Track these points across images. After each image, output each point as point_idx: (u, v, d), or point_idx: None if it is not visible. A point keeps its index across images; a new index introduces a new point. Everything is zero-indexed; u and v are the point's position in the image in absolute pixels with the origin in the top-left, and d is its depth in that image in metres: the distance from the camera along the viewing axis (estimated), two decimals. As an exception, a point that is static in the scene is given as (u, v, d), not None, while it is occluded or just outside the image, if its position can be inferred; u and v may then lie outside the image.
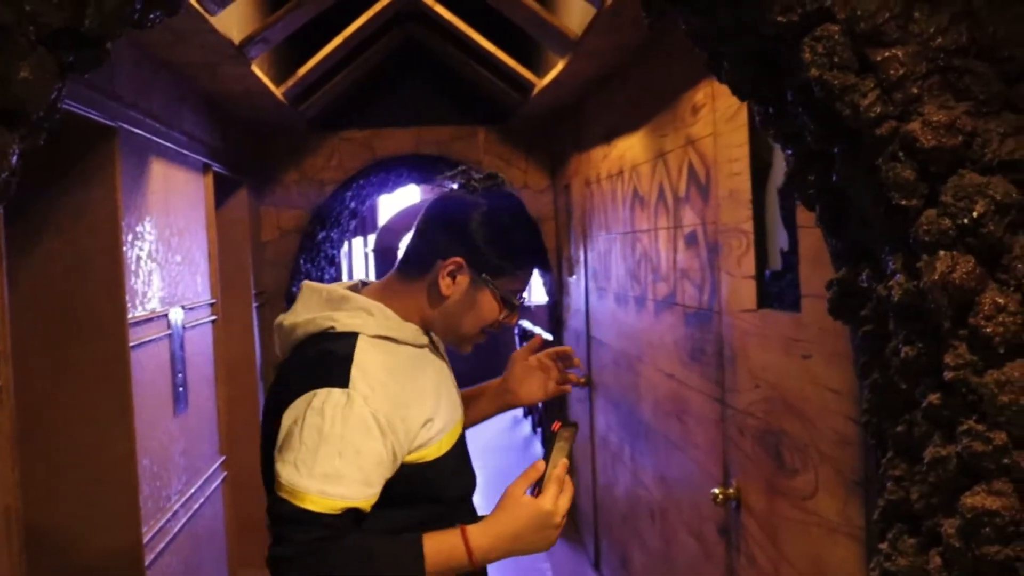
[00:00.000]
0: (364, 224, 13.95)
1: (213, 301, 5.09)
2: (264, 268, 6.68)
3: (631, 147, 4.40)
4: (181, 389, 4.36)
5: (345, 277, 13.71)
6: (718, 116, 3.13)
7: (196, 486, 4.56)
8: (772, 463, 2.73)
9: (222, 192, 5.89)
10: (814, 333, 2.38)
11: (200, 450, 4.68)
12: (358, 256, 14.26)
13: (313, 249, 7.05)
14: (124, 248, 3.58)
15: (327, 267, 7.98)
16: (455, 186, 2.03)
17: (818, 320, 2.30)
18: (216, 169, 5.24)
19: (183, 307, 4.47)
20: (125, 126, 3.68)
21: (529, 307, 14.54)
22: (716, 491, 3.09)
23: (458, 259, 1.91)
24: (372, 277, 12.85)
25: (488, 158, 6.89)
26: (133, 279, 3.73)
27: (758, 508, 2.86)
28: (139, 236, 3.84)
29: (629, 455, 4.72)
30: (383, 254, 13.34)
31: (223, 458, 5.12)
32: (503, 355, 2.67)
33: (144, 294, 3.92)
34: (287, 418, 1.78)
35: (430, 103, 6.98)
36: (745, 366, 2.94)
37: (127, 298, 3.58)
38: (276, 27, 3.96)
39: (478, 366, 4.10)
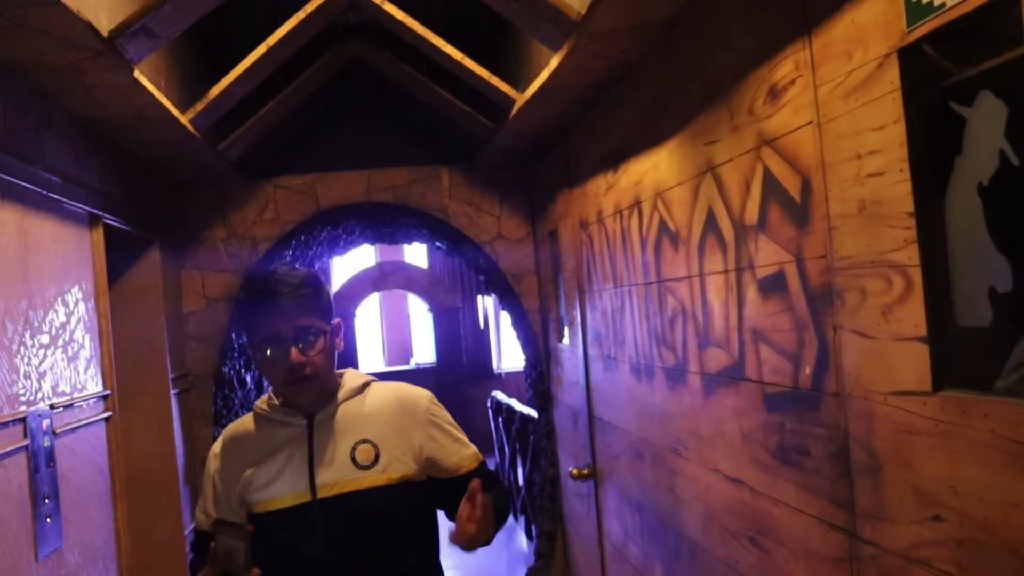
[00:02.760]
0: (316, 291, 12.75)
1: (106, 393, 3.88)
2: (187, 345, 5.47)
3: (653, 167, 3.29)
4: (49, 520, 3.14)
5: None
6: (826, 92, 2.03)
7: (80, 648, 3.32)
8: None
9: (125, 254, 4.71)
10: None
11: (84, 598, 3.44)
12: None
13: (248, 320, 5.85)
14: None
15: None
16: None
17: None
18: (109, 222, 4.06)
19: (52, 406, 3.27)
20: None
21: (500, 375, 13.39)
22: None
23: None
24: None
25: (454, 204, 5.76)
26: (-48, 374, 2.54)
27: None
28: (-35, 311, 2.66)
29: (661, 577, 3.56)
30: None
31: (124, 600, 3.88)
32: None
33: (-19, 393, 2.73)
34: None
35: (383, 139, 5.86)
36: (907, 483, 1.80)
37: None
38: (162, 12, 2.82)
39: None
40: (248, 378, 6.13)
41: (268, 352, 2.15)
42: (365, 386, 2.33)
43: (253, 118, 4.75)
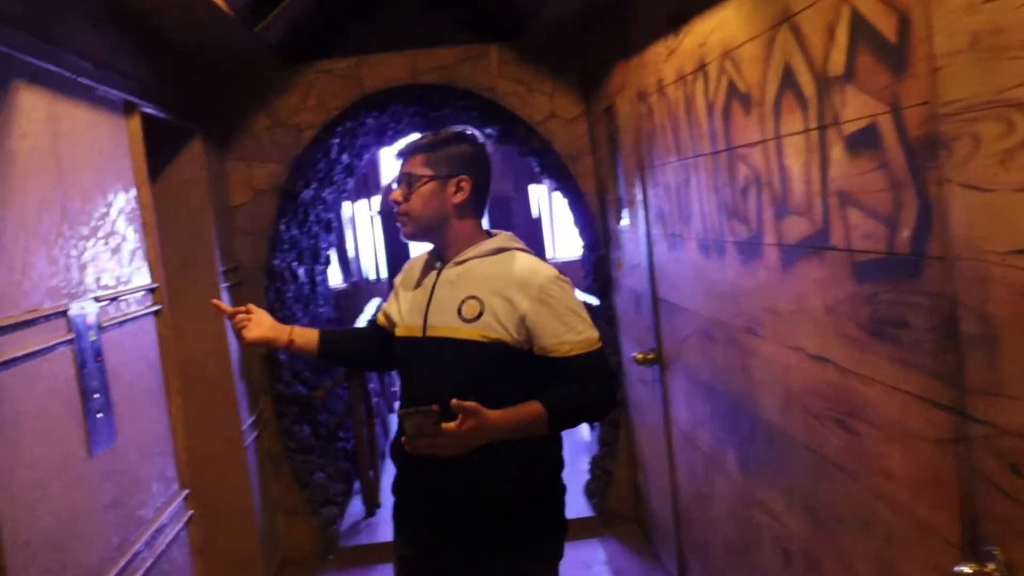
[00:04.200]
0: (367, 184, 12.56)
1: (154, 286, 3.76)
2: (236, 238, 5.34)
3: (720, 25, 3.02)
4: (100, 415, 3.04)
5: (350, 245, 12.41)
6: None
7: (142, 541, 3.26)
8: None
9: (166, 147, 4.56)
10: None
11: (142, 492, 3.37)
12: (363, 220, 12.90)
13: (297, 211, 5.70)
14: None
15: (323, 234, 6.63)
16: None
17: None
18: (147, 111, 3.89)
19: (97, 299, 3.15)
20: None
21: (555, 263, 13.21)
22: (966, 570, 1.75)
23: None
24: (380, 241, 11.45)
25: (503, 83, 5.50)
26: (-17, 266, 2.41)
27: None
28: (-8, 199, 2.51)
29: (736, 463, 3.40)
30: (389, 217, 11.91)
31: (185, 493, 3.81)
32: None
33: (20, 287, 2.60)
34: None
35: (427, 18, 5.59)
36: (1031, 354, 1.59)
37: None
38: None
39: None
40: (301, 271, 6.01)
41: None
42: (500, 251, 2.61)
43: (290, -4, 4.50)
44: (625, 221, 4.91)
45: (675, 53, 3.56)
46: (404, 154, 2.63)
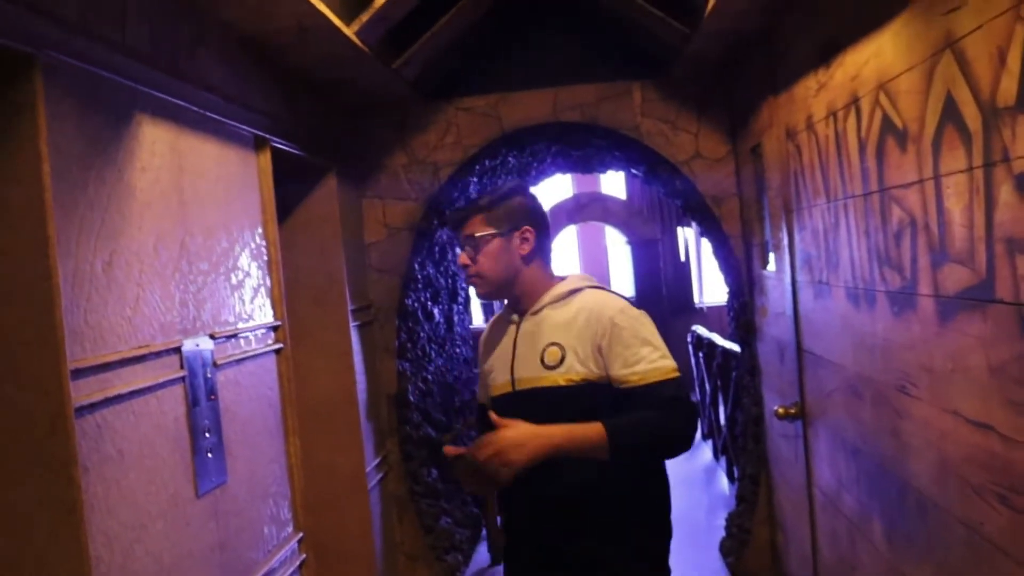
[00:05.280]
0: (511, 225, 12.51)
1: (276, 324, 3.70)
2: (368, 277, 5.29)
3: (875, 55, 2.77)
4: (211, 455, 2.97)
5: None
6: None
7: (251, 587, 3.18)
8: None
9: (300, 183, 4.54)
10: None
11: (252, 534, 3.29)
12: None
13: (432, 250, 5.62)
14: (59, 254, 2.21)
15: (462, 273, 6.55)
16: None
17: None
18: (278, 146, 3.86)
19: (214, 336, 3.09)
20: (60, 56, 2.32)
21: (701, 309, 12.86)
22: None
23: None
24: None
25: (647, 122, 5.31)
26: (88, 300, 2.35)
27: None
28: (104, 235, 2.47)
29: (882, 533, 3.08)
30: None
31: (299, 536, 3.72)
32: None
33: (132, 322, 2.55)
34: None
35: (568, 55, 5.44)
36: None
37: (66, 332, 2.20)
38: None
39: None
40: (436, 311, 5.93)
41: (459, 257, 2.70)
42: (573, 292, 2.63)
43: (428, 33, 4.44)
44: (771, 266, 4.63)
45: (825, 87, 3.31)
46: (460, 220, 2.68)
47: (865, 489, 3.24)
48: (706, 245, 6.26)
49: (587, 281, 2.70)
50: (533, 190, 6.97)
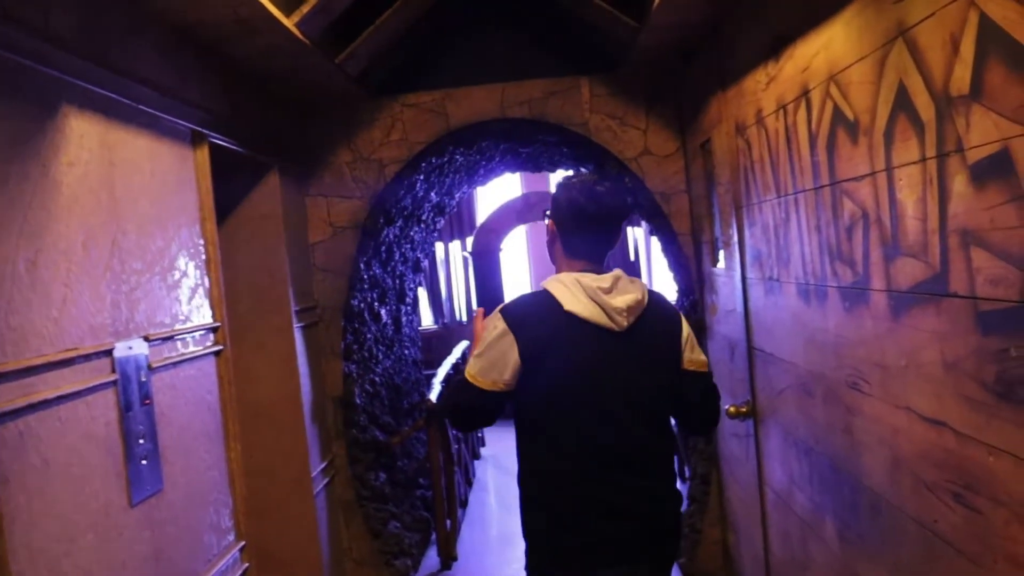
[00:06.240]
0: (461, 224, 12.42)
1: (215, 325, 3.58)
2: (314, 276, 5.18)
3: (825, 46, 2.72)
4: (145, 462, 2.86)
5: (443, 285, 12.25)
6: None
7: (189, 598, 3.06)
8: None
9: (241, 180, 4.43)
10: None
11: (190, 544, 3.17)
12: (455, 261, 12.74)
13: (379, 250, 5.52)
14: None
15: (410, 273, 6.46)
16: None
17: None
18: (217, 141, 3.74)
19: (148, 338, 2.97)
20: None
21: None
22: None
23: None
24: (472, 283, 11.21)
25: (595, 117, 5.25)
26: (10, 302, 2.23)
27: None
28: (27, 232, 2.35)
29: (835, 532, 3.04)
30: (481, 257, 11.68)
31: (241, 544, 3.60)
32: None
33: (58, 323, 2.43)
34: (685, 332, 2.73)
35: (516, 50, 5.37)
36: None
37: (-16, 333, 2.08)
38: None
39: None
40: (383, 312, 5.83)
41: None
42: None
43: (372, 26, 4.34)
44: (720, 264, 4.59)
45: (775, 80, 3.27)
46: None
47: (817, 488, 3.20)
48: (655, 244, 6.22)
49: (547, 280, 2.70)
50: (484, 188, 6.85)
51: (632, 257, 13.19)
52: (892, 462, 2.47)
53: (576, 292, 2.58)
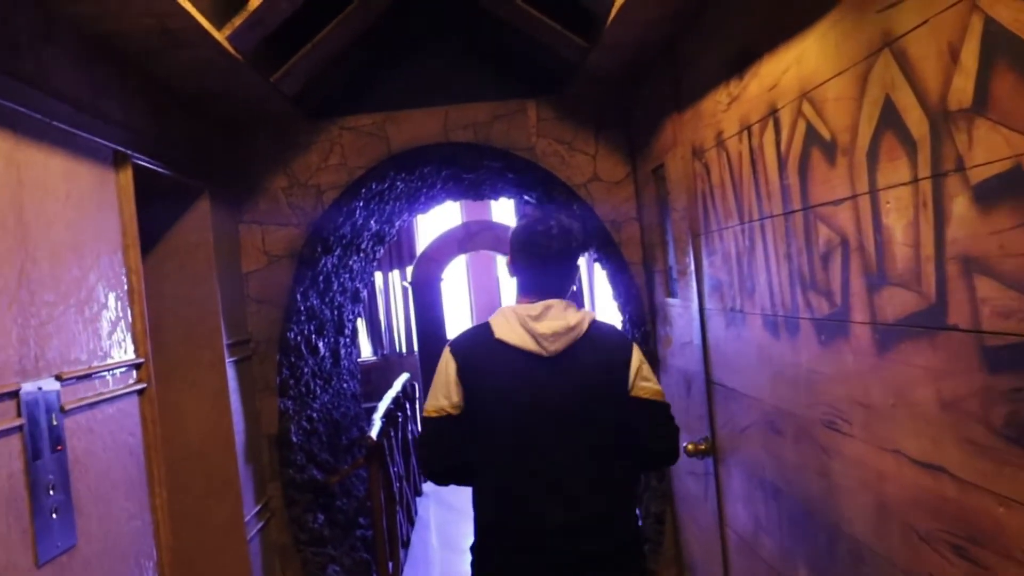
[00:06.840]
0: (400, 253, 12.17)
1: (139, 361, 3.30)
2: (248, 308, 4.90)
3: (797, 61, 2.56)
4: (56, 515, 2.57)
5: (382, 315, 11.98)
6: None
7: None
8: None
9: (169, 205, 4.15)
10: None
11: (109, 605, 2.87)
12: (395, 291, 12.47)
13: (317, 280, 5.26)
14: None
15: (349, 304, 6.19)
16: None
17: None
18: (141, 163, 3.48)
19: (60, 377, 2.69)
20: None
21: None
22: None
23: None
24: (412, 313, 10.97)
25: (542, 142, 5.07)
26: None
27: None
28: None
29: (808, 581, 2.85)
30: (422, 287, 11.42)
31: (167, 600, 3.31)
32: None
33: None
34: (635, 360, 2.70)
35: (460, 72, 5.17)
36: None
37: None
38: None
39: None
40: (321, 345, 5.56)
41: None
42: None
43: (309, 44, 4.11)
44: (675, 295, 4.41)
45: (738, 100, 3.10)
46: None
47: (788, 533, 3.01)
48: (599, 273, 6.06)
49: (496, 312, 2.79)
50: (425, 216, 6.62)
51: (574, 287, 12.99)
52: (878, 508, 2.29)
53: (510, 320, 2.68)
